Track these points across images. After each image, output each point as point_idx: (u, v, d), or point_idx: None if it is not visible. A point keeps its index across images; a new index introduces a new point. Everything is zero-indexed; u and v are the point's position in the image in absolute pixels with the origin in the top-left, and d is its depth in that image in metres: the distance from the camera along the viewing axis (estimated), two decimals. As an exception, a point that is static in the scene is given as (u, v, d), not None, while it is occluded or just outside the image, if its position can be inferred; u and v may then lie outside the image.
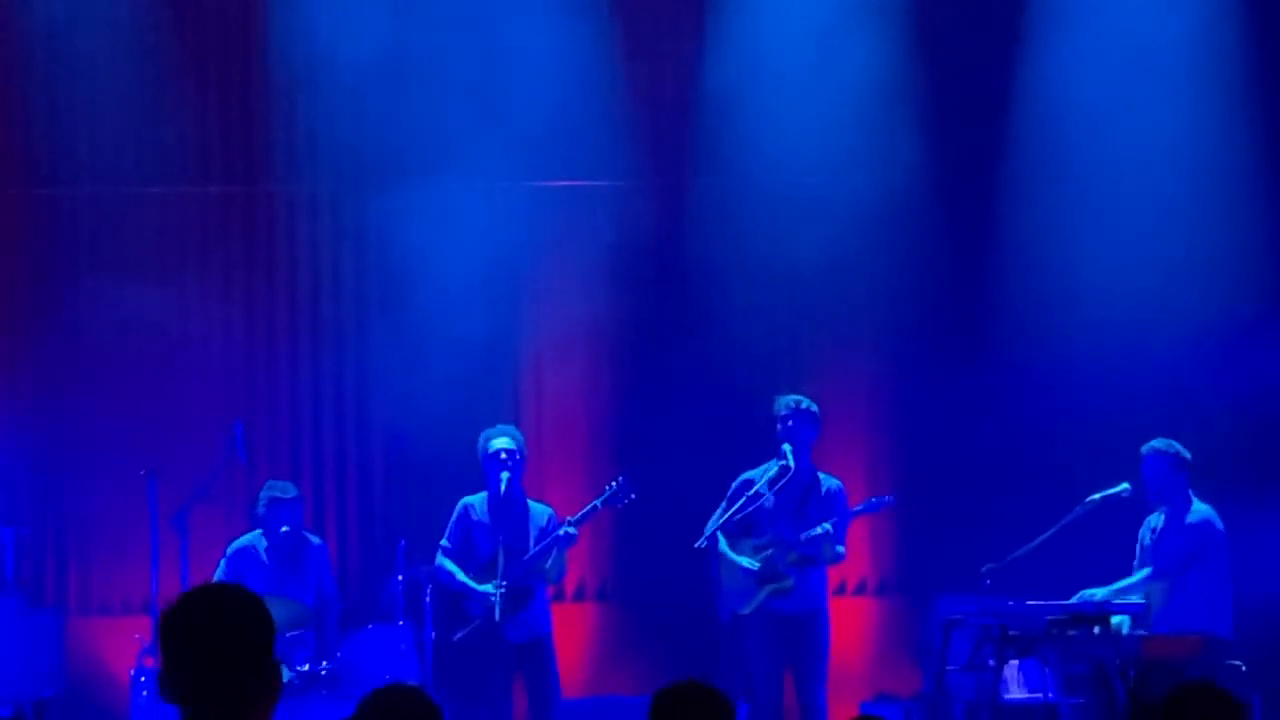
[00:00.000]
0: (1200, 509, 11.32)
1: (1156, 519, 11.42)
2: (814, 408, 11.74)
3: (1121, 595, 11.05)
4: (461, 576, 11.78)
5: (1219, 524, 11.30)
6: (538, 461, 12.86)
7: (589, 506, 11.80)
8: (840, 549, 11.65)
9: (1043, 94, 13.50)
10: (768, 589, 11.57)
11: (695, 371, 13.53)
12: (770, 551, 11.59)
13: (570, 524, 11.75)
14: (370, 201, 13.67)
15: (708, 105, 13.56)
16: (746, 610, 11.61)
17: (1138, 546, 11.45)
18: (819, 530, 11.49)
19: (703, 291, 13.60)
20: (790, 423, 11.68)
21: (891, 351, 13.64)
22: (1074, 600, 10.98)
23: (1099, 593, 11.03)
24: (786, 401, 11.74)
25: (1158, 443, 11.36)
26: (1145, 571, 11.24)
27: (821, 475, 11.84)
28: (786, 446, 11.61)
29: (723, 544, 11.66)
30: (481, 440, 11.96)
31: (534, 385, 13.81)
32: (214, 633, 3.86)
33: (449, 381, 13.29)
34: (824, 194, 13.54)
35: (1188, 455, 11.33)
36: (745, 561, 11.60)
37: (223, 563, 12.00)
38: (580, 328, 13.65)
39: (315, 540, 12.24)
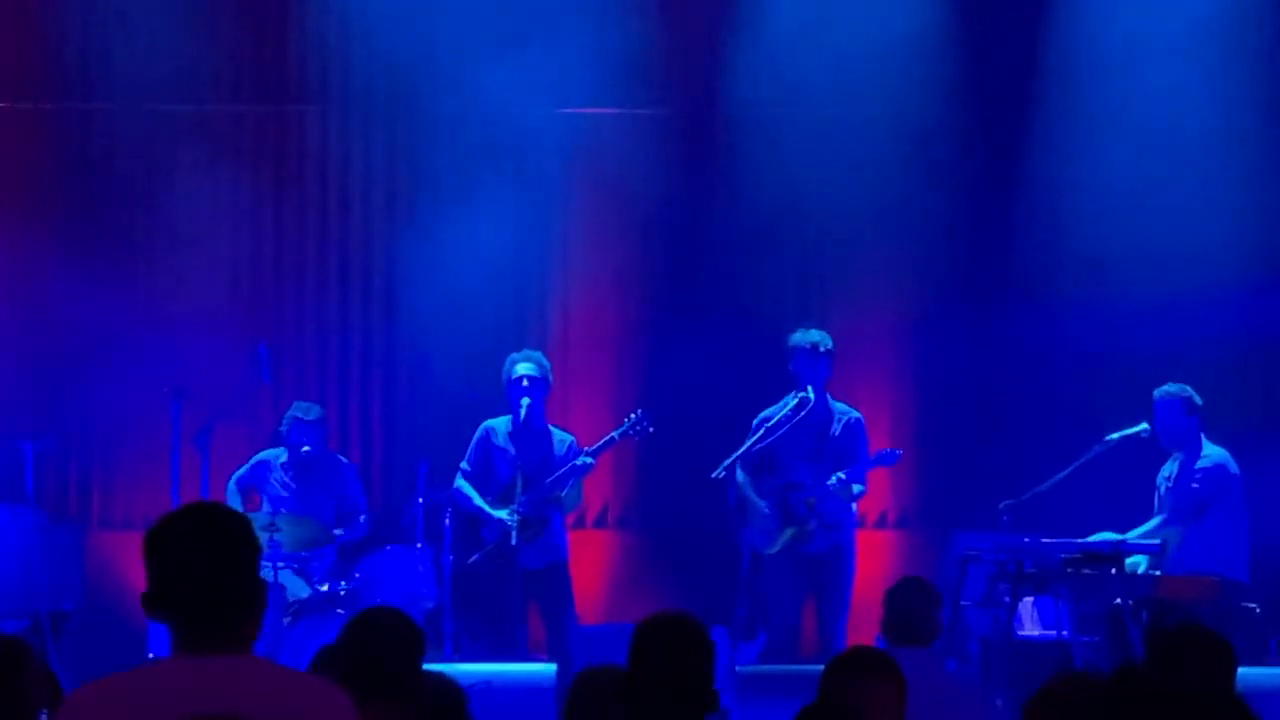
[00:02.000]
0: (1213, 452, 11.30)
1: (1171, 466, 11.41)
2: (828, 345, 11.68)
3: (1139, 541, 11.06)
4: (478, 500, 11.82)
5: (1233, 467, 11.28)
6: (563, 387, 12.89)
7: (606, 438, 11.83)
8: (856, 489, 11.62)
9: (1076, 32, 13.42)
10: (789, 532, 11.58)
11: (722, 301, 13.53)
12: (788, 495, 11.58)
13: (587, 454, 11.78)
14: (401, 125, 13.68)
15: (739, 33, 13.50)
16: (771, 550, 11.62)
17: (1155, 496, 11.44)
18: (832, 481, 11.47)
19: (729, 222, 13.58)
20: (804, 360, 11.64)
21: (915, 287, 13.61)
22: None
23: (1112, 539, 11.03)
24: (800, 339, 11.70)
25: (1170, 387, 11.34)
26: (1160, 518, 11.23)
27: (839, 407, 11.81)
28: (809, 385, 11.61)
29: (743, 481, 11.64)
30: (507, 365, 11.99)
31: (561, 311, 13.82)
32: (198, 550, 3.87)
33: (475, 305, 13.31)
34: (855, 125, 13.49)
35: (1199, 400, 11.31)
36: (762, 505, 11.60)
37: (244, 466, 12.09)
38: (607, 255, 13.66)
39: (345, 460, 12.33)
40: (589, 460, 11.77)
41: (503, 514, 11.70)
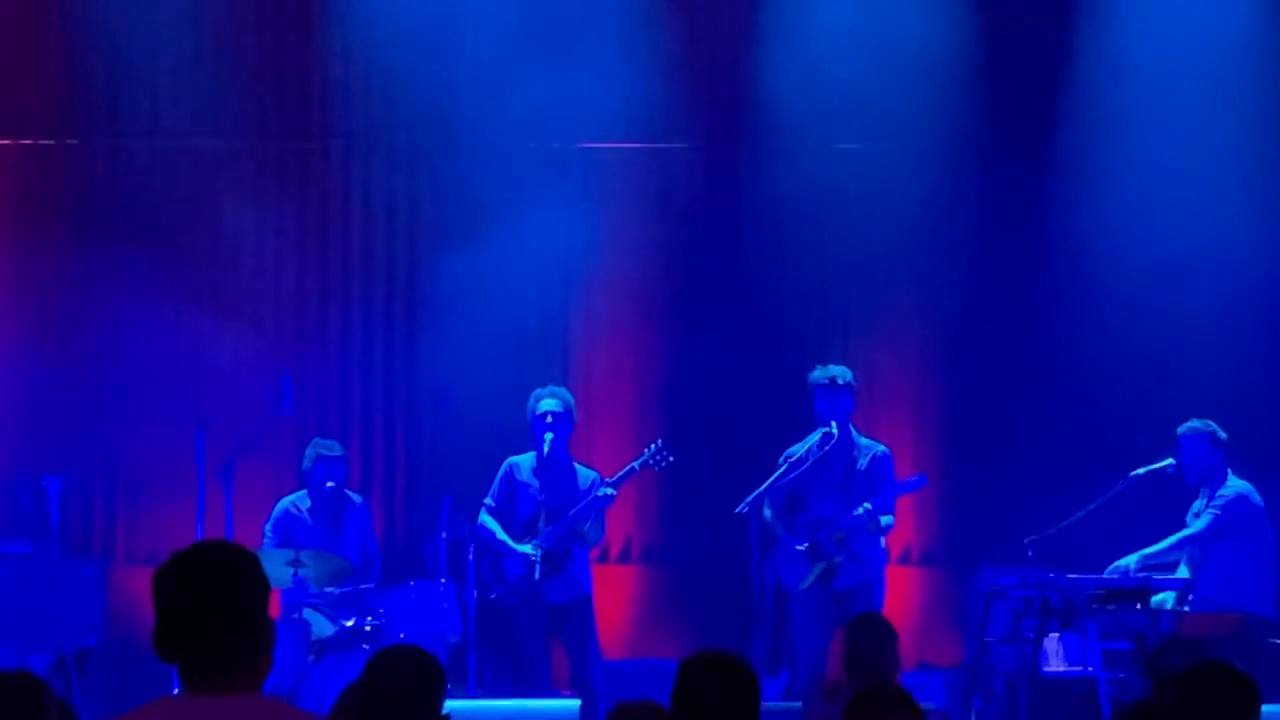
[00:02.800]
0: (1236, 484, 11.25)
1: (1199, 504, 11.35)
2: (848, 378, 11.62)
3: (1151, 560, 11.01)
4: (501, 534, 11.80)
5: (1256, 499, 11.22)
6: (586, 422, 12.86)
7: (627, 468, 11.80)
8: (885, 520, 11.56)
9: (1097, 64, 13.40)
10: (818, 568, 11.53)
11: (744, 335, 13.51)
12: (818, 532, 11.53)
13: (608, 485, 11.73)
14: (423, 159, 13.72)
15: (761, 68, 13.51)
16: (801, 587, 11.56)
17: None
18: (860, 511, 11.40)
19: (752, 255, 13.58)
20: (824, 396, 11.60)
21: (938, 322, 13.59)
22: (1107, 571, 10.96)
23: (1130, 560, 10.99)
24: (818, 375, 11.66)
25: (1194, 423, 11.30)
26: (1175, 537, 11.18)
27: (865, 442, 11.75)
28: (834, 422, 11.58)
29: (771, 519, 11.58)
30: (531, 400, 11.97)
31: (584, 345, 13.82)
32: (207, 590, 3.85)
33: (499, 340, 13.31)
34: (876, 158, 13.51)
35: (1224, 435, 11.26)
36: (793, 543, 11.55)
37: (269, 528, 12.05)
38: (630, 289, 13.65)
39: (357, 499, 12.29)
40: (610, 492, 11.73)
41: (526, 548, 11.67)
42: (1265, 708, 5.52)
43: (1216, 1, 13.31)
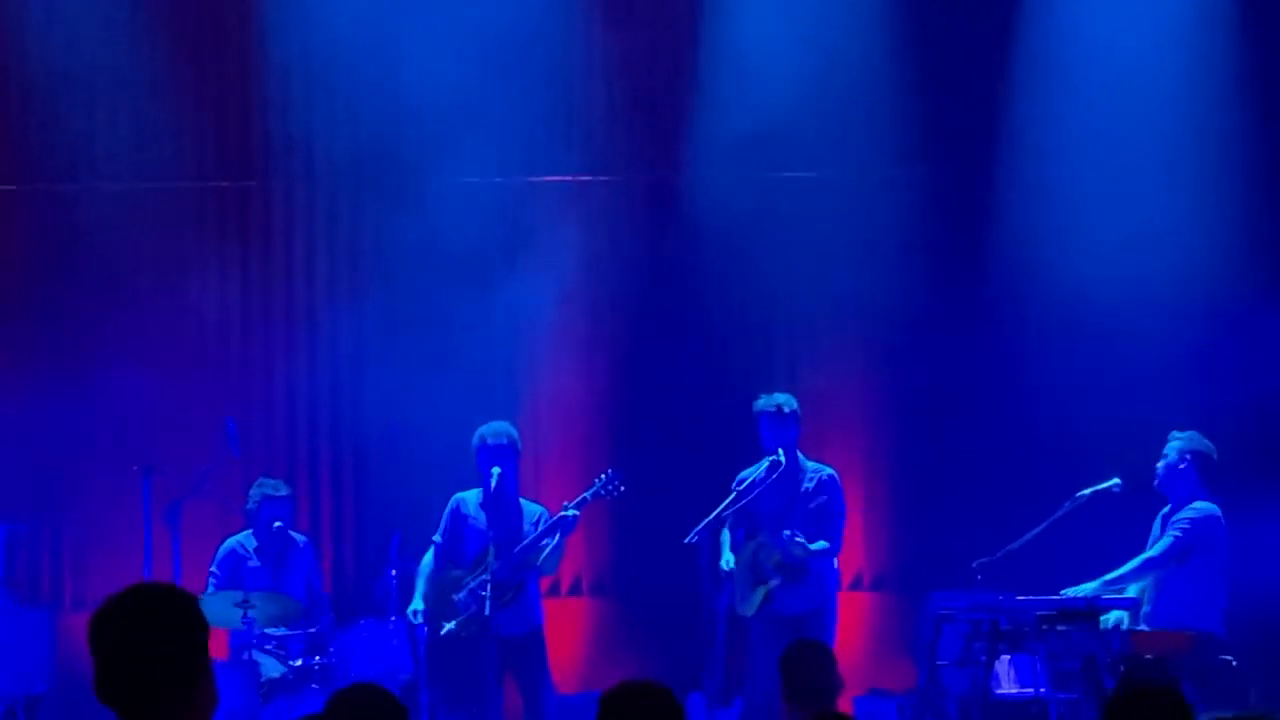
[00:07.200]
0: (1204, 505, 11.19)
1: (1167, 509, 11.31)
2: (793, 406, 11.68)
3: (1113, 585, 11.02)
4: (419, 585, 11.76)
5: (1222, 520, 11.20)
6: (533, 456, 12.86)
7: (579, 499, 11.77)
8: (816, 545, 11.54)
9: (1037, 82, 13.47)
10: (760, 591, 11.55)
11: (691, 365, 13.53)
12: (758, 555, 11.56)
13: (571, 508, 11.66)
14: (364, 197, 13.71)
15: (699, 98, 13.55)
16: (748, 612, 11.58)
17: (1150, 539, 11.36)
18: (786, 534, 11.44)
19: (696, 285, 13.59)
20: (770, 424, 11.64)
21: (884, 346, 13.62)
22: (1066, 596, 10.97)
23: (1090, 586, 11.00)
24: (764, 404, 11.71)
25: (1194, 436, 11.22)
26: (1136, 561, 11.18)
27: (812, 466, 11.79)
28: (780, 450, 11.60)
29: (726, 542, 11.61)
30: (476, 436, 11.95)
31: (529, 380, 13.80)
32: (145, 634, 3.82)
33: (444, 376, 13.28)
34: (816, 186, 13.55)
35: (1205, 451, 11.20)
36: (727, 559, 11.59)
37: (214, 567, 12.01)
38: (574, 322, 13.66)
39: (300, 539, 12.25)
40: (574, 513, 11.66)
41: (418, 605, 11.65)
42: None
43: (1153, 12, 13.39)
